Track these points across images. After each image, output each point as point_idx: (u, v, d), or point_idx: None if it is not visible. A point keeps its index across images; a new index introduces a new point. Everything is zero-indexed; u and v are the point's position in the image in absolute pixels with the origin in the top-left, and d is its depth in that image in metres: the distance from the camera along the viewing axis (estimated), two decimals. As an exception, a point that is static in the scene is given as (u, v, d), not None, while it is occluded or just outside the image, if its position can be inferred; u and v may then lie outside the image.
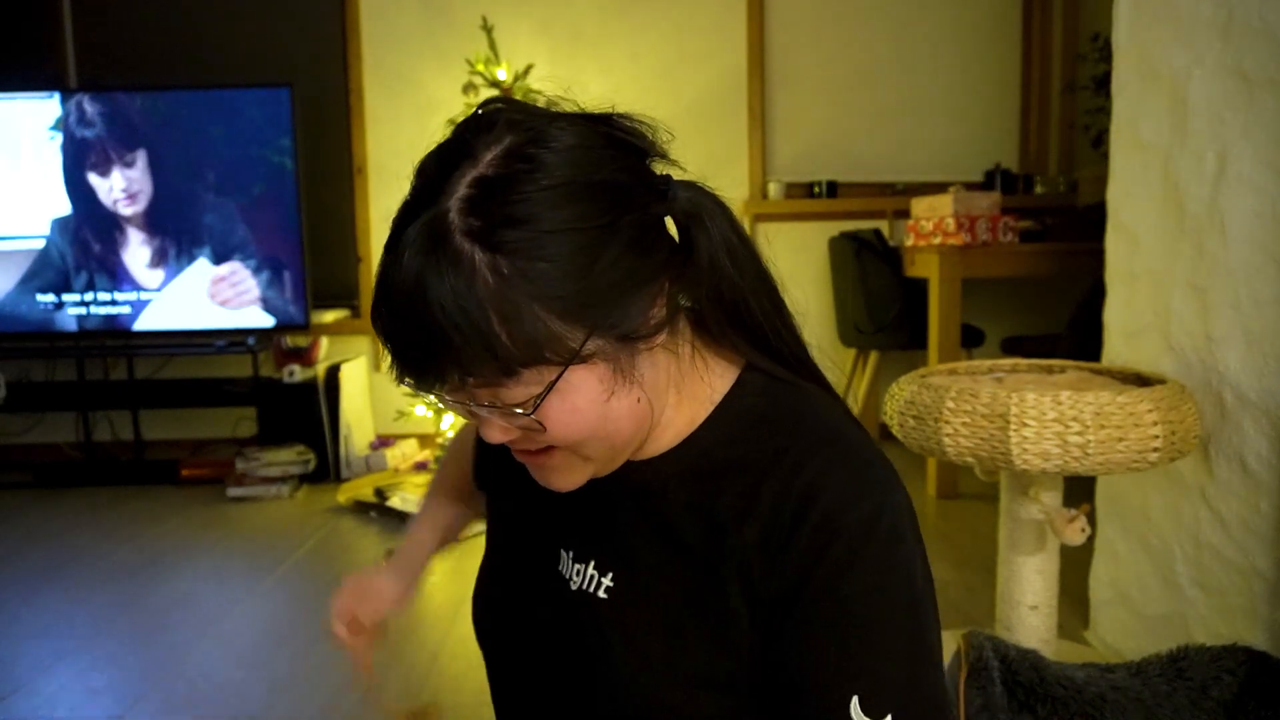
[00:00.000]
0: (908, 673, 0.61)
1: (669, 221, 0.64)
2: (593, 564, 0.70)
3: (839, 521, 0.61)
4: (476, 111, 0.61)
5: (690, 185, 0.65)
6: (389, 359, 0.59)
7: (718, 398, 0.69)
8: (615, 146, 0.61)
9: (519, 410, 0.58)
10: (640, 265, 0.59)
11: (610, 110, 0.63)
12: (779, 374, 0.70)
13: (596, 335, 0.57)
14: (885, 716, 0.59)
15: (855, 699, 0.60)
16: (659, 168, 0.64)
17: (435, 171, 0.58)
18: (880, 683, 0.60)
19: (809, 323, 0.75)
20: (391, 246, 0.57)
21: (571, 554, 0.72)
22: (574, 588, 0.71)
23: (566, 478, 0.65)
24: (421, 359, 0.56)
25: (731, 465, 0.66)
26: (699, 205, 0.64)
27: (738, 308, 0.67)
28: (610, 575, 0.69)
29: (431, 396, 0.60)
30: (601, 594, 0.69)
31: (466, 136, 0.58)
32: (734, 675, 0.64)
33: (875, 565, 0.61)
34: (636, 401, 0.62)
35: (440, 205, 0.56)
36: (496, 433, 0.61)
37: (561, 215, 0.55)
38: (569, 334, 0.56)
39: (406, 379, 0.58)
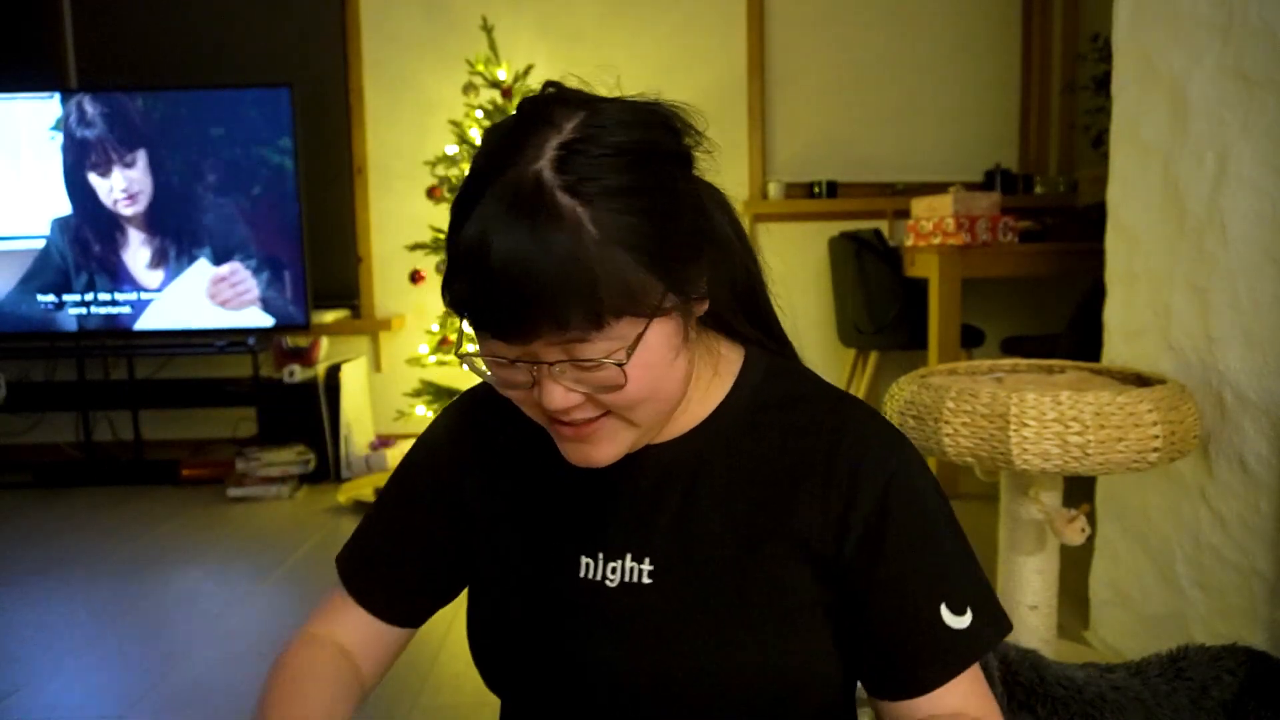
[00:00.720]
0: (967, 569, 0.71)
1: None
2: (629, 556, 0.71)
3: (889, 472, 0.69)
4: (545, 88, 0.67)
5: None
6: (474, 323, 0.61)
7: (732, 376, 0.75)
8: (665, 126, 0.67)
9: (607, 360, 0.60)
10: (700, 229, 0.66)
11: (655, 96, 0.70)
12: (775, 351, 0.78)
13: (672, 292, 0.62)
14: (966, 609, 0.69)
15: (943, 604, 0.69)
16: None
17: (514, 139, 0.60)
18: (954, 585, 0.70)
19: (809, 323, 0.79)
20: (475, 209, 0.59)
21: (601, 555, 0.72)
22: (613, 585, 0.71)
23: (607, 448, 0.66)
24: (518, 314, 0.58)
25: (762, 436, 0.72)
26: (712, 188, 0.73)
27: (748, 289, 0.76)
28: (648, 560, 0.71)
29: (498, 361, 0.62)
30: (646, 580, 0.71)
31: (541, 108, 0.63)
32: (787, 629, 0.68)
33: (925, 497, 0.71)
34: (688, 364, 0.68)
35: (530, 167, 0.58)
36: (559, 396, 0.62)
37: (642, 175, 0.60)
38: (653, 288, 0.60)
39: (498, 334, 0.60)
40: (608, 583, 0.71)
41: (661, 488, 0.72)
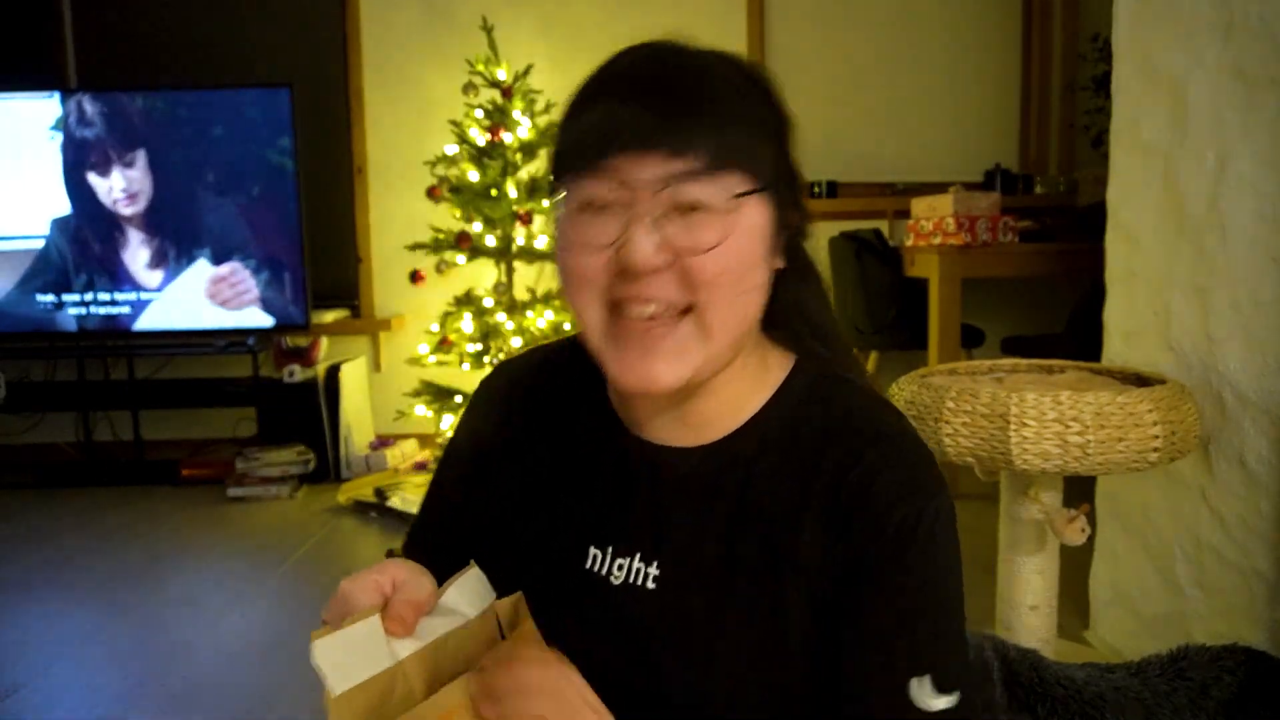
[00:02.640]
0: (960, 645, 0.66)
1: None
2: (637, 556, 0.70)
3: (888, 510, 0.64)
4: None
5: None
6: (587, 145, 0.61)
7: (773, 386, 0.71)
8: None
9: (715, 208, 0.60)
10: (797, 174, 0.69)
11: None
12: (829, 368, 0.73)
13: (778, 191, 0.65)
14: (953, 691, 0.63)
15: (928, 680, 0.63)
16: None
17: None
18: (946, 661, 0.64)
19: None
20: (614, 58, 0.67)
21: (610, 549, 0.71)
22: (616, 583, 0.70)
23: (673, 365, 0.63)
24: (657, 116, 0.60)
25: (785, 458, 0.68)
26: None
27: (810, 292, 0.74)
28: (656, 564, 0.69)
29: (589, 211, 0.62)
30: (650, 585, 0.69)
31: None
32: (783, 662, 0.66)
33: (939, 557, 0.65)
34: (764, 290, 0.66)
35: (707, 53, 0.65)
36: (647, 249, 0.60)
37: (771, 94, 0.68)
38: (768, 165, 0.64)
39: (610, 149, 0.60)
40: (612, 579, 0.70)
41: (682, 495, 0.70)
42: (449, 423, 3.67)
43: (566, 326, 3.56)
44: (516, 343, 3.50)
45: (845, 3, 4.06)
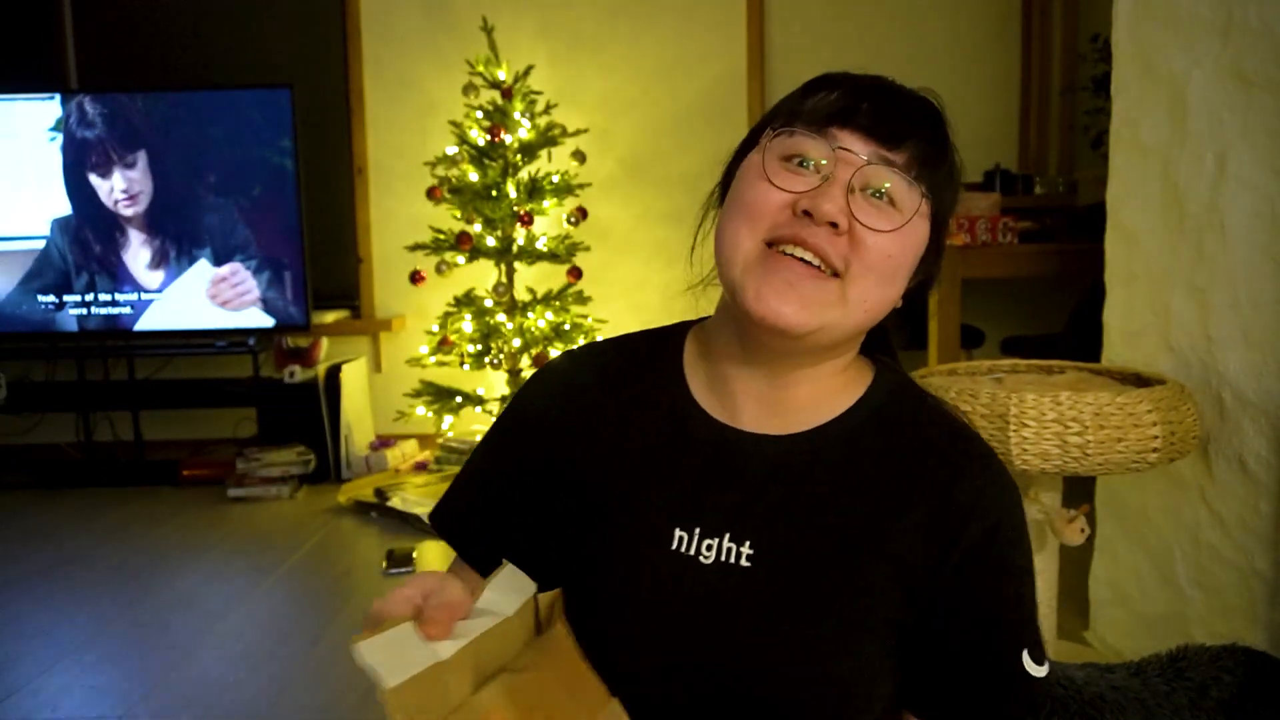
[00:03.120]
0: (1037, 632, 0.74)
1: None
2: (728, 536, 0.72)
3: (997, 521, 0.72)
4: None
5: None
6: (833, 115, 0.69)
7: (861, 387, 0.77)
8: None
9: (901, 204, 0.69)
10: (946, 236, 0.77)
11: None
12: (901, 374, 0.80)
13: (936, 234, 0.74)
14: (1044, 660, 0.73)
15: (1025, 652, 0.71)
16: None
17: None
18: (1037, 635, 0.73)
19: None
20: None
21: (697, 530, 0.72)
22: (708, 562, 0.71)
23: (802, 310, 0.68)
24: (916, 131, 0.71)
25: (881, 451, 0.74)
26: None
27: (896, 327, 0.81)
28: (749, 544, 0.71)
29: (794, 159, 0.69)
30: (744, 563, 0.71)
31: None
32: (866, 642, 0.70)
33: (1022, 546, 0.74)
34: (890, 300, 0.73)
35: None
36: (835, 200, 0.67)
37: (959, 183, 0.77)
38: (945, 208, 0.74)
39: (853, 124, 0.69)
40: (702, 559, 0.71)
41: (770, 478, 0.73)
42: (449, 423, 3.67)
43: (567, 327, 3.56)
44: (516, 343, 3.50)
45: (845, 3, 4.06)
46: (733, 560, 0.71)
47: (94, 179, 3.64)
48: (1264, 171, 1.57)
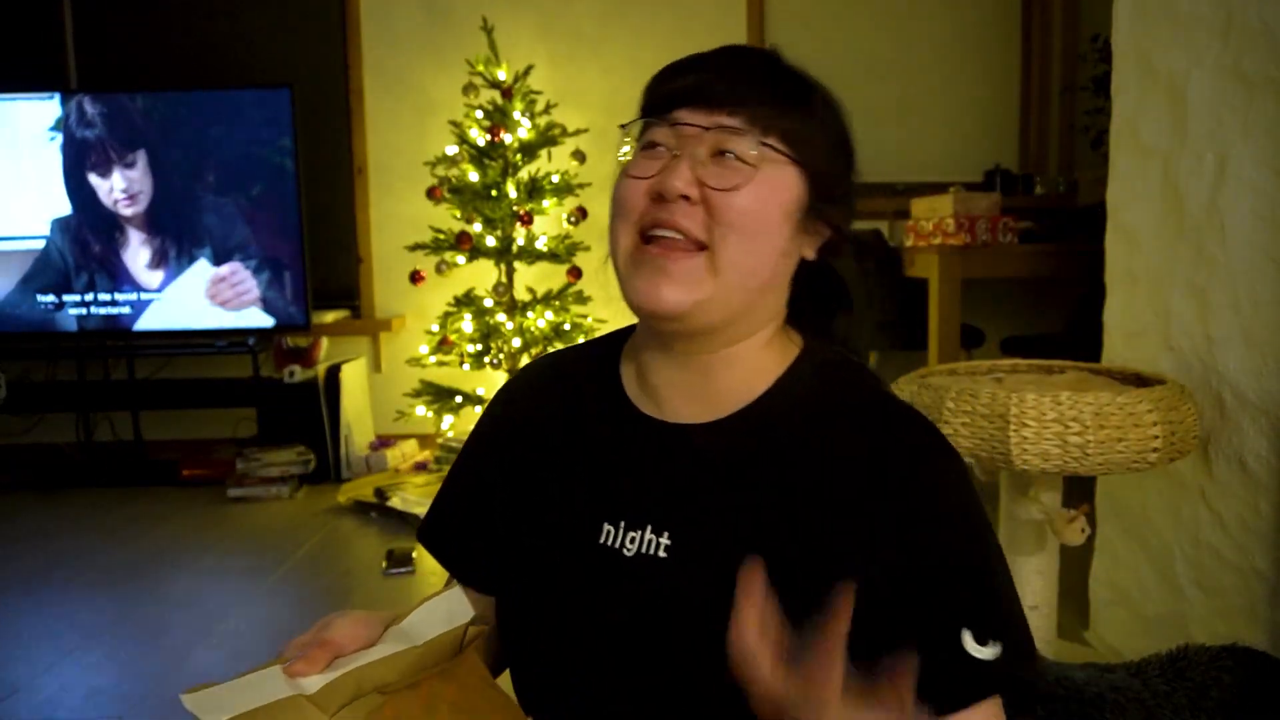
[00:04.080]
0: (1000, 599, 0.69)
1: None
2: (650, 528, 0.73)
3: (927, 488, 0.69)
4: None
5: None
6: (665, 95, 0.72)
7: (784, 364, 0.76)
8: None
9: (745, 159, 0.69)
10: (850, 189, 0.77)
11: None
12: (837, 354, 0.79)
13: (817, 178, 0.73)
14: (990, 640, 0.66)
15: (966, 630, 0.66)
16: None
17: None
18: (984, 612, 0.67)
19: None
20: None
21: (622, 524, 0.74)
22: (629, 555, 0.73)
23: (680, 290, 0.69)
24: (739, 86, 0.71)
25: (805, 431, 0.72)
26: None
27: (841, 298, 0.81)
28: (667, 534, 0.72)
29: (648, 147, 0.72)
30: (661, 554, 0.72)
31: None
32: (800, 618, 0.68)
33: (966, 517, 0.69)
34: (781, 255, 0.72)
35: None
36: (685, 176, 0.69)
37: (844, 119, 0.78)
38: (813, 153, 0.72)
39: (686, 98, 0.71)
40: (625, 551, 0.73)
41: (691, 467, 0.73)
42: (449, 423, 3.67)
43: (567, 327, 3.56)
44: (516, 343, 3.50)
45: (845, 3, 4.06)
46: (652, 551, 0.72)
47: (94, 179, 3.64)
48: (1264, 171, 1.57)
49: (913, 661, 0.64)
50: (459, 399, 3.57)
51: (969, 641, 0.66)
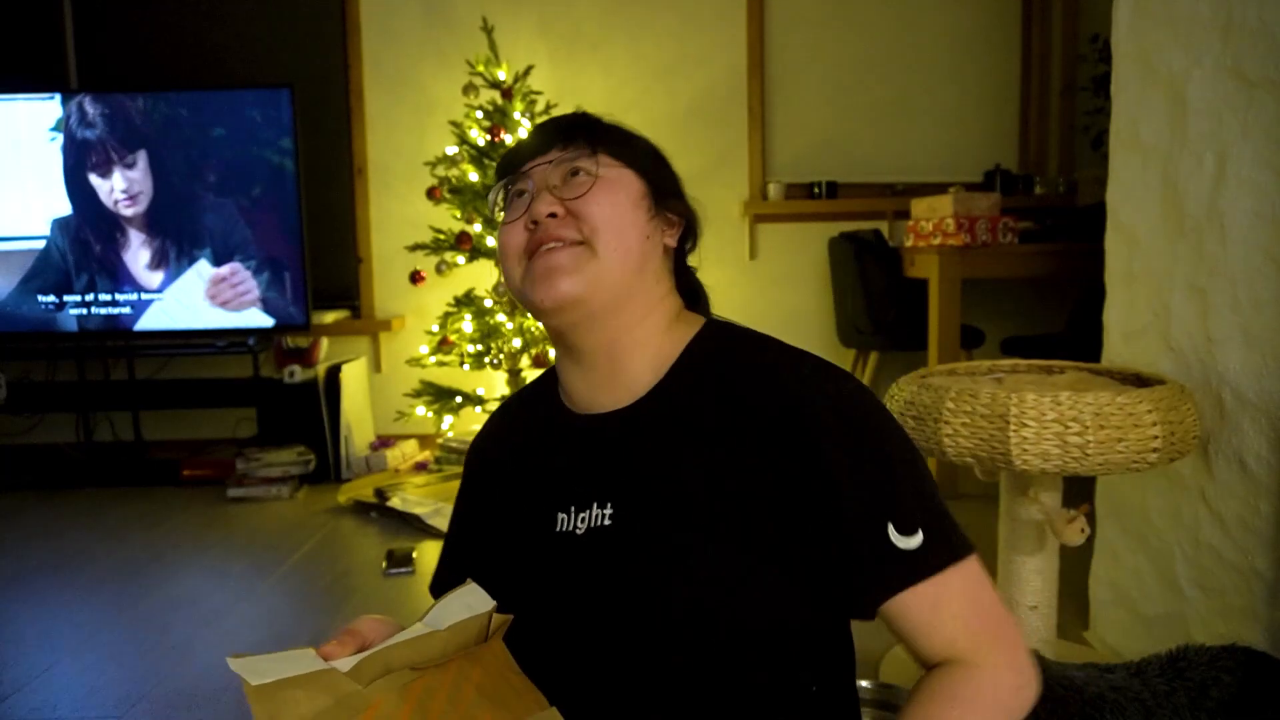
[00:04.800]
0: (919, 491, 0.75)
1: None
2: (595, 505, 0.80)
3: (826, 398, 0.76)
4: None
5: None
6: (516, 159, 0.86)
7: (689, 334, 0.86)
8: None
9: (588, 171, 0.83)
10: (675, 187, 0.90)
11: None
12: (726, 322, 0.89)
13: (649, 176, 0.87)
14: (916, 530, 0.73)
15: (890, 524, 0.72)
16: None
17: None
18: (902, 505, 0.73)
19: (809, 323, 0.86)
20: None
21: (573, 508, 0.81)
22: (581, 533, 0.80)
23: (572, 279, 0.80)
24: (560, 132, 0.86)
25: (707, 390, 0.80)
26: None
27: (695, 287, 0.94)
28: (610, 505, 0.79)
29: (515, 196, 0.86)
30: (607, 522, 0.79)
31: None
32: (745, 574, 0.73)
33: (868, 420, 0.76)
34: (645, 237, 0.84)
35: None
36: (546, 201, 0.82)
37: (650, 150, 0.91)
38: (643, 160, 0.87)
39: (530, 156, 0.85)
40: (577, 531, 0.80)
41: (626, 439, 0.81)
42: (449, 423, 3.68)
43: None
44: (516, 343, 3.50)
45: (845, 3, 4.06)
46: (600, 523, 0.79)
47: (94, 179, 3.64)
48: (1264, 171, 1.57)
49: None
50: (459, 399, 3.57)
51: (893, 534, 0.72)
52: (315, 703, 0.64)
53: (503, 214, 0.87)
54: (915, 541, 0.72)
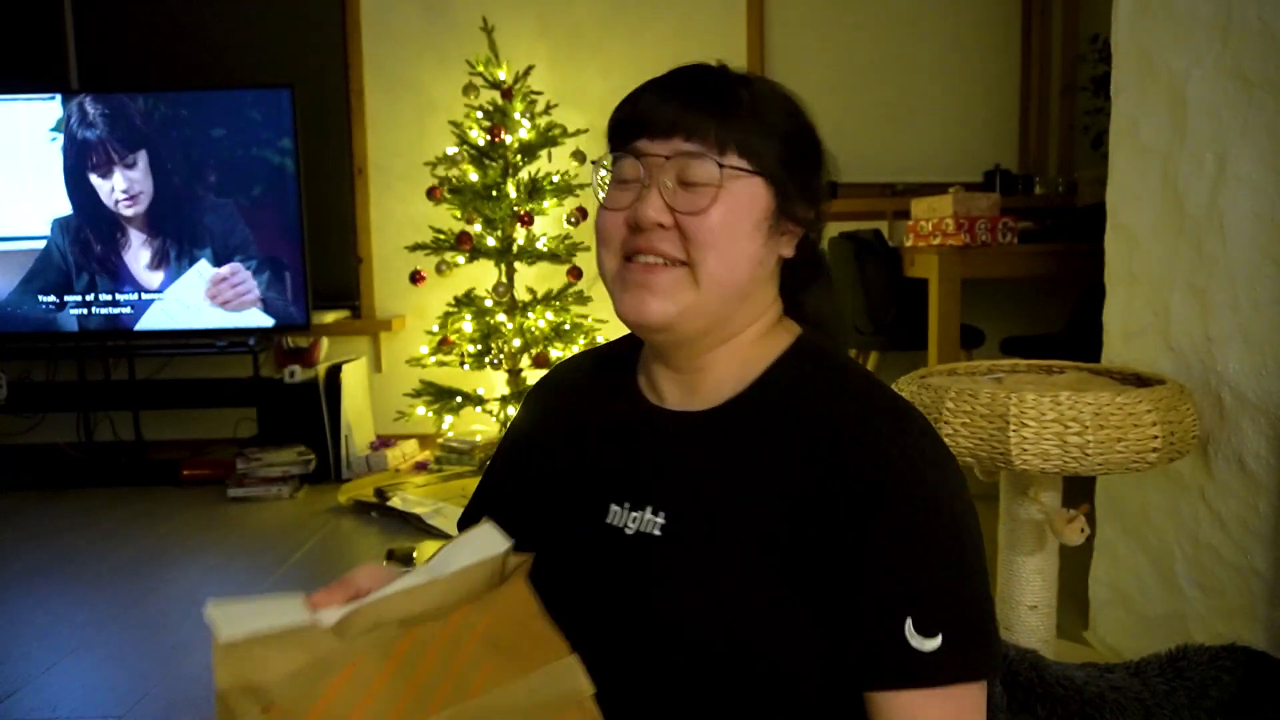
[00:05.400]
0: (959, 591, 0.70)
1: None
2: (648, 509, 0.78)
3: (888, 464, 0.70)
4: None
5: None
6: (624, 129, 0.77)
7: (777, 353, 0.80)
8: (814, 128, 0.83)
9: (710, 180, 0.73)
10: (813, 183, 0.80)
11: None
12: (826, 342, 0.83)
13: (780, 181, 0.76)
14: (936, 633, 0.67)
15: (909, 621, 0.68)
16: None
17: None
18: (931, 603, 0.68)
19: None
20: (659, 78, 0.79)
21: (628, 504, 0.79)
22: (630, 533, 0.78)
23: (664, 303, 0.74)
24: (682, 107, 0.74)
25: (779, 414, 0.76)
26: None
27: (818, 287, 0.86)
28: (663, 514, 0.77)
29: (617, 180, 0.77)
30: (657, 532, 0.76)
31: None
32: (772, 606, 0.71)
33: (929, 499, 0.70)
34: (758, 261, 0.77)
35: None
36: (656, 206, 0.74)
37: (795, 118, 0.80)
38: (771, 162, 0.75)
39: (643, 131, 0.75)
40: (626, 530, 0.78)
41: (688, 452, 0.78)
42: (449, 423, 3.68)
43: (567, 327, 3.57)
44: (516, 343, 3.50)
45: (845, 4, 4.06)
46: (648, 530, 0.77)
47: (94, 179, 3.64)
48: (1264, 171, 1.57)
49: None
50: (459, 399, 3.57)
51: (909, 629, 0.67)
52: (288, 663, 0.60)
53: (605, 189, 0.79)
54: (932, 644, 0.67)
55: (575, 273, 3.56)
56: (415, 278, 3.60)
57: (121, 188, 3.64)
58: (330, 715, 0.59)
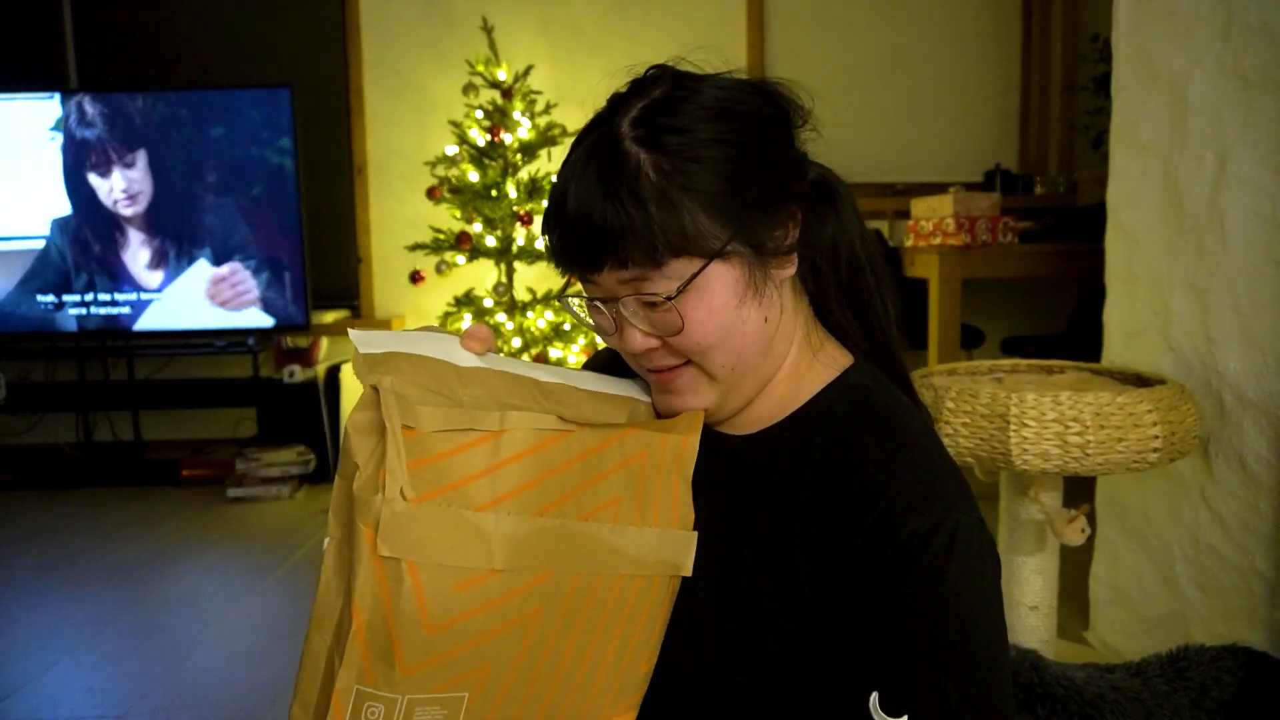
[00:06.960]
0: (936, 683, 0.63)
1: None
2: None
3: (895, 526, 0.65)
4: (648, 70, 0.72)
5: (824, 166, 0.79)
6: (558, 265, 0.71)
7: (823, 381, 0.75)
8: (763, 94, 0.73)
9: (663, 298, 0.66)
10: (777, 186, 0.70)
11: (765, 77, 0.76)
12: (879, 377, 0.77)
13: (736, 240, 0.67)
14: (901, 713, 0.63)
15: (875, 694, 0.64)
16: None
17: (610, 106, 0.70)
18: (903, 685, 0.63)
19: None
20: (568, 160, 0.69)
21: None
22: None
23: (690, 399, 0.72)
24: (586, 249, 0.67)
25: (806, 447, 0.72)
26: (834, 182, 0.79)
27: (859, 294, 0.78)
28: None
29: (584, 307, 0.72)
30: None
31: (639, 83, 0.70)
32: (792, 626, 0.69)
33: (922, 576, 0.64)
34: (764, 321, 0.71)
35: (613, 124, 0.67)
36: (636, 339, 0.69)
37: (712, 128, 0.67)
38: (713, 232, 0.66)
39: (574, 271, 0.69)
40: None
41: (723, 480, 0.75)
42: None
43: (567, 328, 3.57)
44: (516, 343, 3.50)
45: (845, 4, 4.06)
46: None
47: (94, 179, 3.64)
48: (1264, 171, 1.57)
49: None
50: (459, 399, 3.56)
51: (874, 704, 0.63)
52: (431, 385, 0.60)
53: (585, 312, 0.73)
54: None
55: (575, 273, 3.56)
56: (415, 278, 3.59)
57: (121, 187, 3.64)
58: (457, 473, 0.59)
